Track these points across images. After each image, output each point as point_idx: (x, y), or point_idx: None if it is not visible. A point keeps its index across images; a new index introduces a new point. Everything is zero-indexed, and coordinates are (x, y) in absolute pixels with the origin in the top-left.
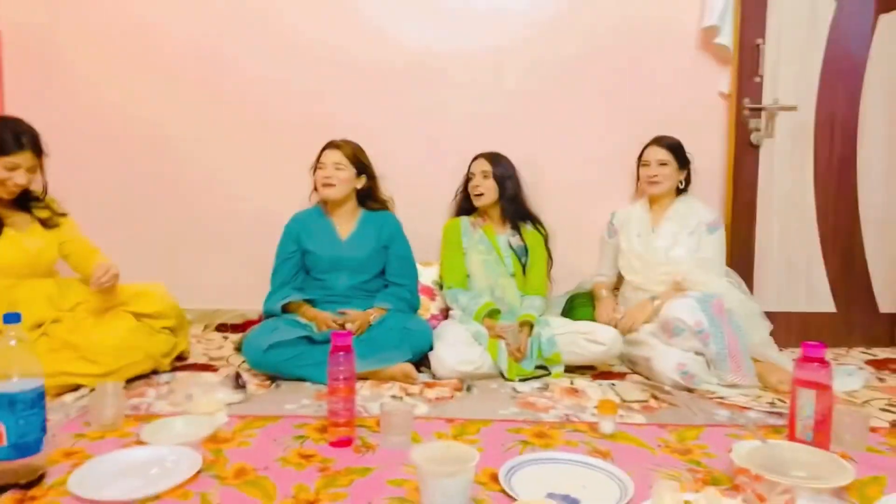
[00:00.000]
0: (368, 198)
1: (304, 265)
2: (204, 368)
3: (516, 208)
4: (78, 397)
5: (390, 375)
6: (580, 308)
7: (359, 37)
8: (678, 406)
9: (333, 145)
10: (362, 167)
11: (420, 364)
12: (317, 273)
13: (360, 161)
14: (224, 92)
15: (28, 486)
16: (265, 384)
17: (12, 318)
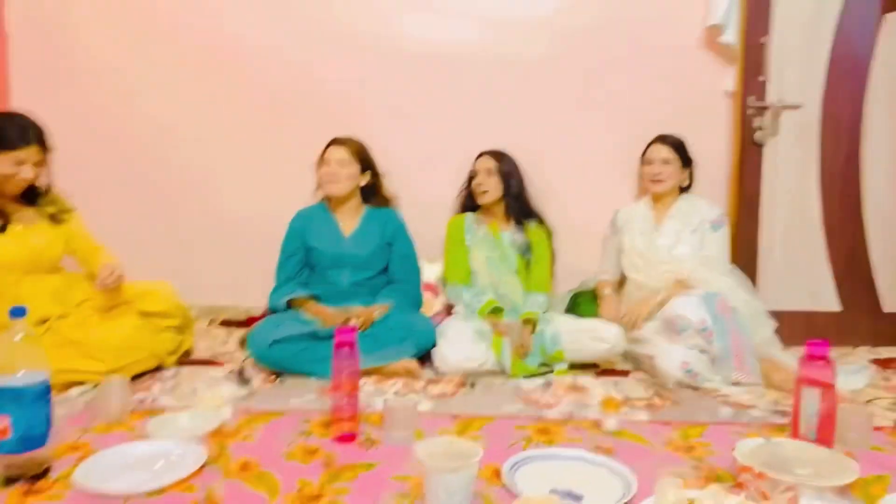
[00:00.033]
0: (372, 195)
1: (309, 261)
2: (209, 363)
3: (520, 206)
4: (83, 391)
5: (394, 371)
6: (584, 306)
7: (363, 35)
8: (682, 404)
9: (338, 142)
10: (366, 164)
11: (424, 360)
12: (320, 269)
13: (365, 158)
14: (229, 90)
15: (34, 479)
16: (270, 379)
17: (18, 313)
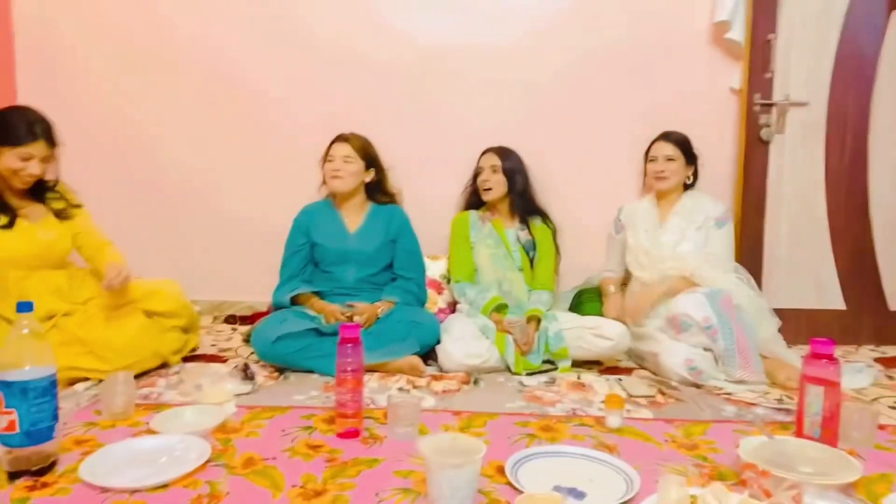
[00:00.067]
0: (377, 191)
1: (313, 258)
2: (213, 359)
3: (525, 203)
4: (89, 386)
5: (398, 368)
6: (588, 303)
7: (368, 32)
8: (685, 401)
9: (343, 138)
10: (371, 160)
11: (427, 357)
12: (325, 266)
13: (369, 154)
14: (234, 87)
15: (40, 473)
16: (273, 375)
17: (25, 307)
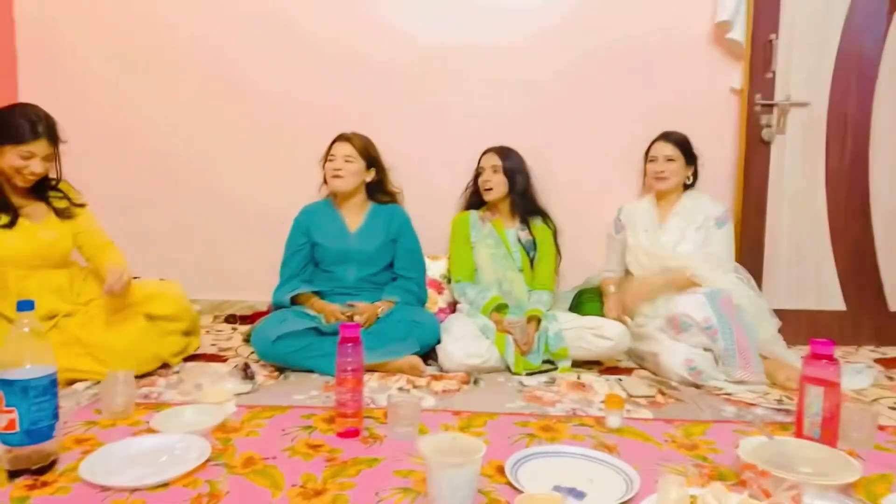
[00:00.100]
0: (378, 191)
1: (313, 257)
2: (213, 359)
3: (526, 203)
4: (89, 385)
5: (398, 368)
6: (588, 303)
7: (369, 32)
8: (685, 402)
9: (344, 138)
10: (372, 160)
11: (427, 357)
12: (325, 265)
13: (370, 154)
14: (235, 86)
15: (40, 472)
16: (274, 375)
17: (26, 306)
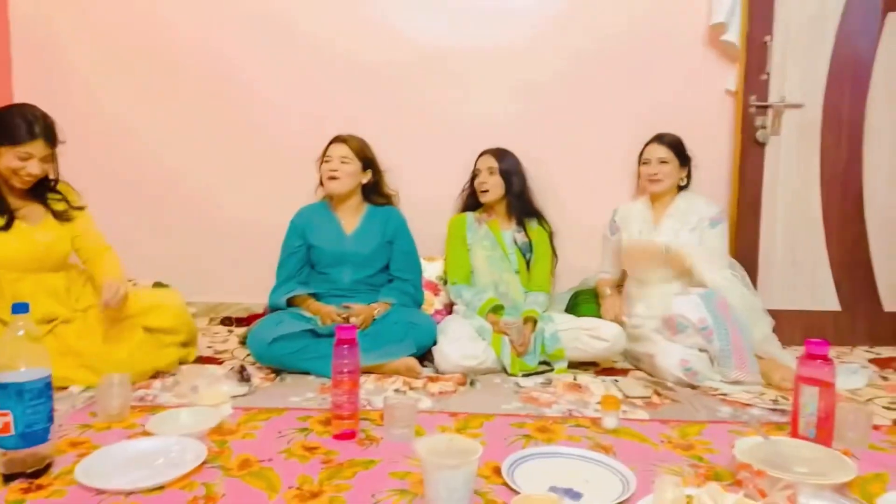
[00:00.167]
0: (374, 193)
1: (310, 259)
2: (209, 361)
3: (522, 205)
4: (84, 388)
5: (394, 369)
6: (584, 305)
7: (366, 33)
8: (681, 402)
9: (340, 139)
10: (368, 162)
11: (424, 358)
12: (322, 267)
13: (367, 156)
14: (232, 87)
15: (35, 475)
16: (270, 377)
17: (21, 309)
